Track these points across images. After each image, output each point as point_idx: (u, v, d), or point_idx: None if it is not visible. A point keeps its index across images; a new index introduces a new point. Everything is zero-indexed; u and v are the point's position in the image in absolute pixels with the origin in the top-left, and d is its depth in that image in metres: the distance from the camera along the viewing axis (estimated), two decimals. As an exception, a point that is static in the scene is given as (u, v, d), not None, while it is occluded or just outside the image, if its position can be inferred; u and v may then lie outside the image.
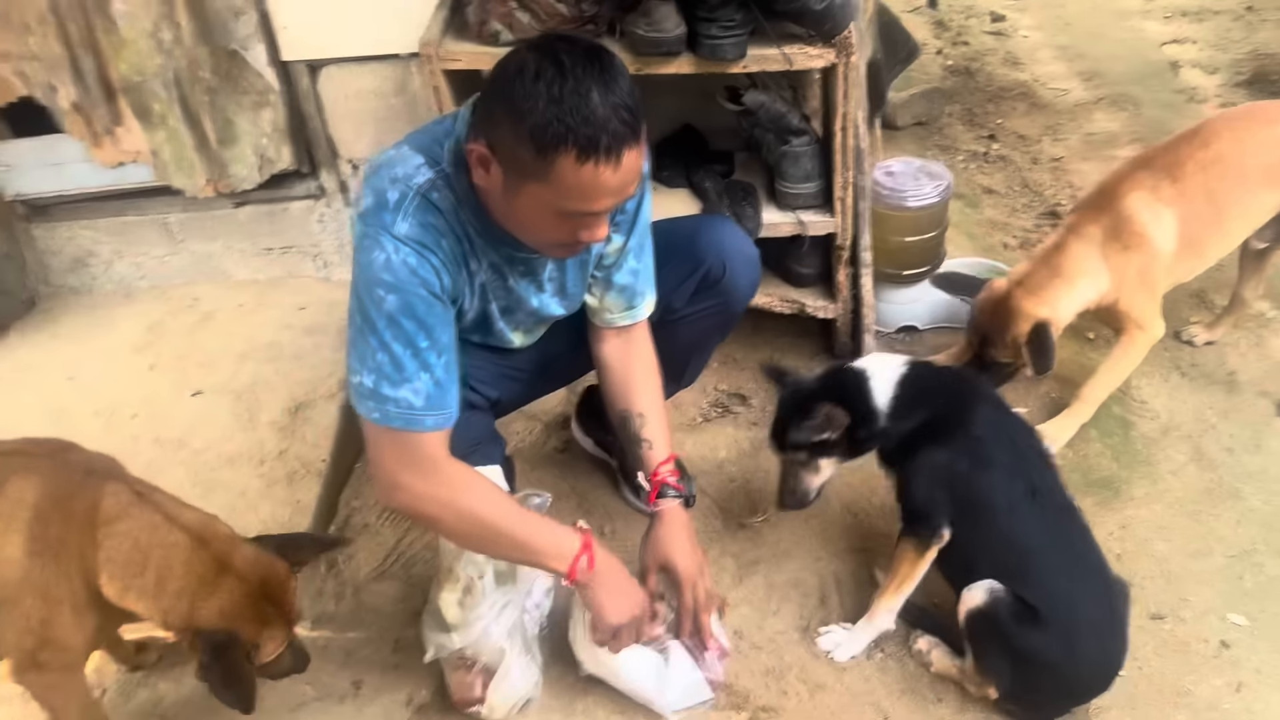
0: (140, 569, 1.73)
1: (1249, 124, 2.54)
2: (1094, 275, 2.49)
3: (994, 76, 4.74)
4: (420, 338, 1.72)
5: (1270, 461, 2.60)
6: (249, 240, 3.21)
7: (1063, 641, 1.91)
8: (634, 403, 2.10)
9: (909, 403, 2.04)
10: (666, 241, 2.09)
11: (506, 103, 1.58)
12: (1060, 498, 2.04)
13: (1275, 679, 2.10)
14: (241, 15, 2.79)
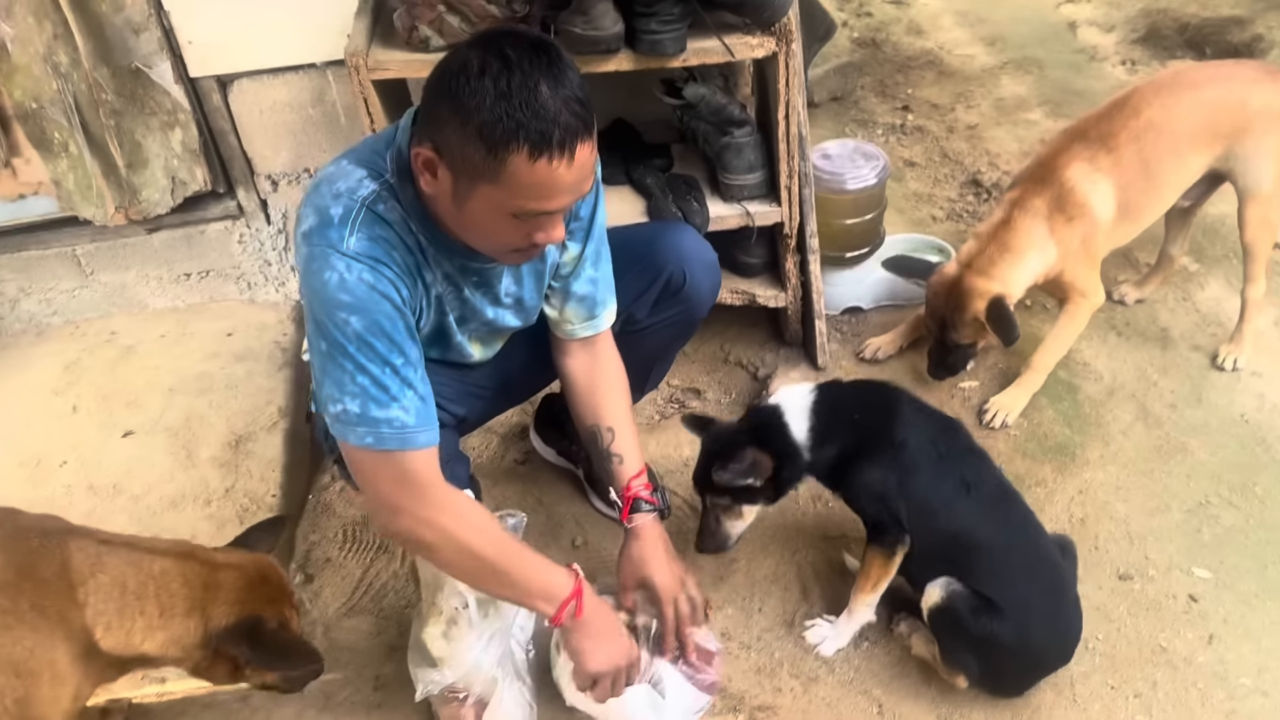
0: (138, 609, 1.68)
1: (1175, 91, 2.60)
2: (1041, 248, 2.52)
3: (900, 46, 4.78)
4: (394, 355, 1.65)
5: (1211, 414, 2.68)
6: (165, 267, 3.04)
7: (1018, 627, 1.94)
8: (602, 417, 2.05)
9: (827, 428, 2.03)
10: (624, 251, 2.03)
11: (452, 102, 1.50)
12: (995, 486, 2.06)
13: (1243, 628, 2.17)
14: (142, 32, 2.63)
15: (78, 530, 1.75)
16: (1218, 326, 2.95)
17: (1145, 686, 2.08)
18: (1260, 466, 2.52)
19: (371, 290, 1.62)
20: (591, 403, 2.06)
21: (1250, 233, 2.67)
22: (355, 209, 1.64)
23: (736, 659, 2.18)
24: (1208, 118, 2.57)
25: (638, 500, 2.01)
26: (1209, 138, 2.58)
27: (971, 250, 2.57)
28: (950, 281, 2.56)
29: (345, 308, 1.61)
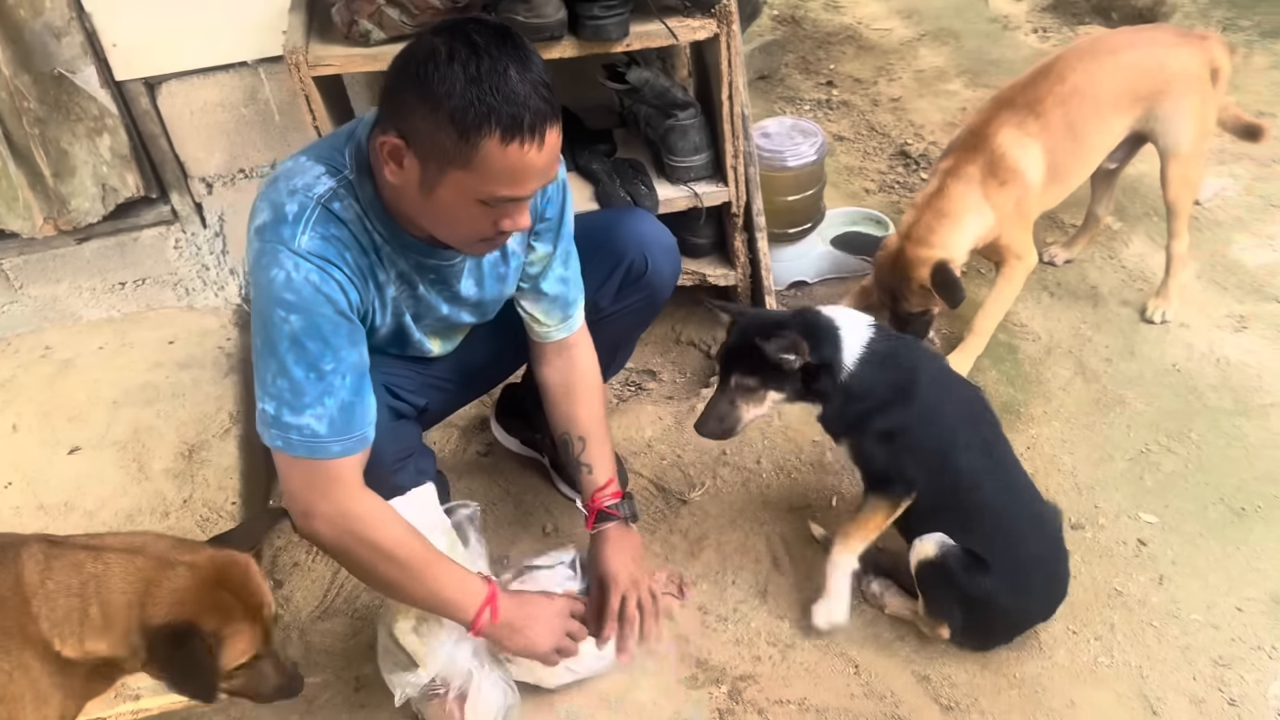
0: (83, 611, 1.57)
1: (1096, 56, 2.69)
2: (978, 212, 2.60)
3: (819, 23, 4.85)
4: (326, 359, 1.64)
5: (1144, 366, 2.80)
6: (98, 277, 2.96)
7: (1011, 587, 2.02)
8: (574, 425, 2.08)
9: (871, 366, 2.01)
10: (584, 241, 2.04)
11: (420, 89, 1.50)
12: (1006, 454, 2.11)
13: (1192, 567, 2.28)
14: (64, 36, 2.54)
15: (31, 539, 1.65)
16: (1144, 282, 3.08)
17: (1104, 629, 2.18)
18: (1194, 413, 2.64)
19: (316, 292, 1.62)
20: (566, 411, 2.09)
21: (1173, 191, 2.78)
22: (310, 206, 1.63)
23: (715, 632, 2.22)
24: (1128, 81, 2.67)
25: (602, 512, 2.07)
26: (1130, 100, 2.69)
27: (910, 220, 2.63)
28: (894, 254, 2.62)
29: (286, 305, 1.61)
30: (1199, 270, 3.08)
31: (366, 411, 1.72)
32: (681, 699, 2.10)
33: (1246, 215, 3.29)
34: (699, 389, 2.82)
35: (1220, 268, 3.10)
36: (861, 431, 2.05)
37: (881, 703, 2.08)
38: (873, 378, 2.00)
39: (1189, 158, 2.74)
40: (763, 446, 2.63)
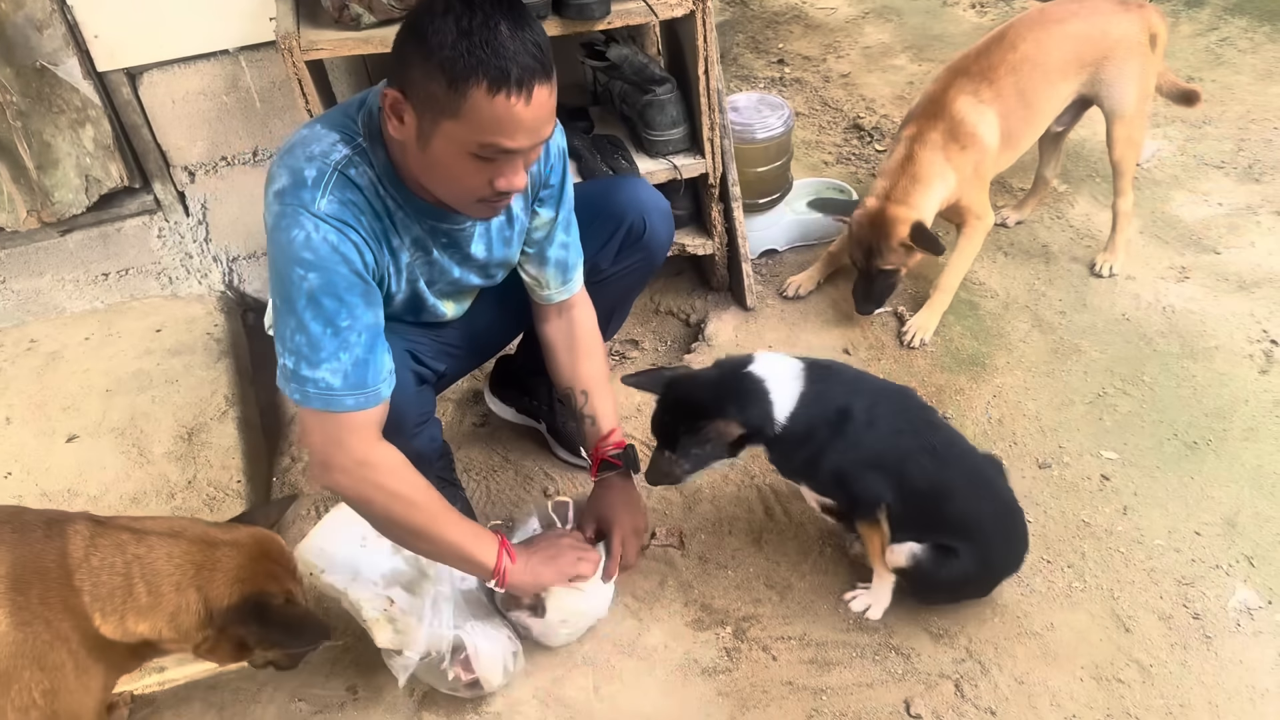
0: (127, 590, 1.65)
1: (1044, 25, 2.86)
2: (944, 176, 2.75)
3: (766, 3, 4.99)
4: (341, 316, 1.71)
5: (1096, 316, 2.98)
6: (81, 269, 2.98)
7: (981, 561, 2.15)
8: (578, 380, 2.18)
9: (806, 412, 2.01)
10: (584, 206, 2.15)
11: (416, 40, 1.59)
12: (948, 439, 2.15)
13: (1151, 497, 2.46)
14: (45, 29, 2.57)
15: (79, 515, 1.73)
16: (1090, 239, 3.26)
17: (1075, 557, 2.34)
18: (1145, 358, 2.82)
19: (334, 251, 1.69)
20: (569, 366, 2.19)
21: (1118, 150, 2.96)
22: (328, 172, 1.71)
23: (715, 578, 2.34)
24: (1075, 48, 2.84)
25: (604, 461, 2.18)
26: (1077, 66, 2.86)
27: (886, 185, 2.78)
28: (874, 213, 2.77)
29: (305, 264, 1.68)
30: (1141, 226, 3.27)
31: (381, 369, 1.78)
32: (690, 640, 2.22)
33: (1182, 174, 3.50)
34: (681, 355, 2.94)
35: (1161, 223, 3.30)
36: (814, 473, 2.10)
37: (875, 635, 2.22)
38: (810, 422, 2.01)
39: (1132, 119, 2.92)
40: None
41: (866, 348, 2.91)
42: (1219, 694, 2.06)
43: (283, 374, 1.74)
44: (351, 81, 2.83)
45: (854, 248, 2.85)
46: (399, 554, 2.09)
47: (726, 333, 2.97)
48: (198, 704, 2.15)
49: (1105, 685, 2.09)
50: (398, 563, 2.09)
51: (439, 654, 2.03)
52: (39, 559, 1.64)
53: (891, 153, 2.86)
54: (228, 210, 2.98)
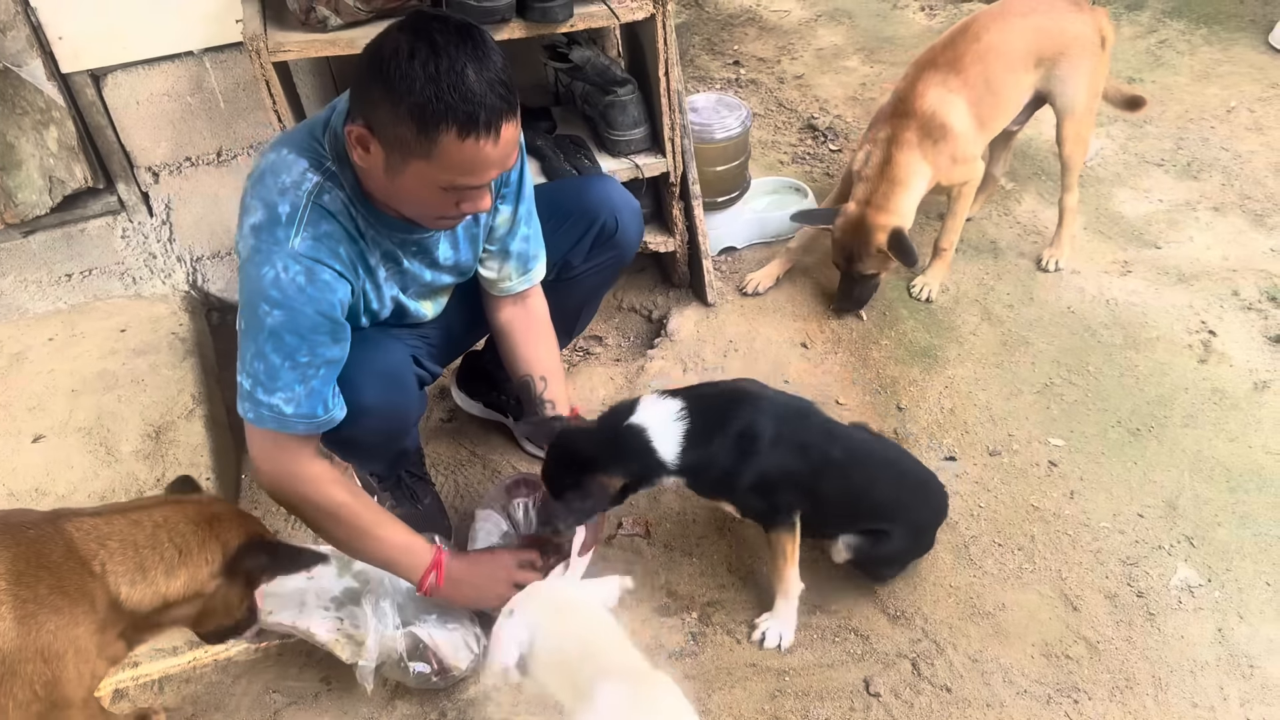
0: (157, 557, 1.75)
1: (1006, 18, 2.97)
2: (921, 173, 2.85)
3: (721, 6, 5.06)
4: (301, 353, 1.79)
5: (1043, 310, 3.09)
6: (44, 269, 2.98)
7: (912, 532, 2.27)
8: (535, 367, 2.23)
9: (699, 443, 2.04)
10: (556, 205, 2.21)
11: (384, 85, 1.63)
12: (848, 436, 2.21)
13: (1097, 483, 2.56)
14: (9, 30, 2.57)
15: (61, 512, 1.78)
16: (1036, 235, 3.37)
17: (1025, 540, 2.44)
18: (1089, 349, 2.93)
19: (301, 292, 1.76)
20: (526, 353, 2.24)
21: (1068, 148, 3.07)
22: (302, 204, 1.77)
23: (680, 565, 2.41)
24: (1035, 41, 2.95)
25: None
26: (1036, 59, 2.97)
27: (867, 190, 2.85)
28: (855, 220, 2.86)
29: (271, 301, 1.75)
30: (1085, 223, 3.39)
31: (334, 398, 1.88)
32: (657, 626, 2.29)
33: (1124, 172, 3.63)
34: (644, 350, 3.00)
35: (1104, 219, 3.42)
36: (730, 491, 2.13)
37: (835, 617, 2.30)
38: (708, 451, 2.04)
39: (1082, 117, 3.04)
40: (709, 399, 2.83)
41: (823, 341, 2.99)
42: (1162, 668, 2.17)
43: (240, 392, 1.84)
44: (316, 82, 2.86)
45: (836, 252, 2.93)
46: (345, 574, 2.18)
47: (688, 328, 3.03)
48: (172, 696, 2.18)
49: (1055, 661, 2.19)
50: (346, 581, 2.17)
51: (396, 654, 2.08)
52: (42, 555, 1.67)
53: (869, 156, 2.91)
54: (191, 210, 2.99)
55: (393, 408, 2.02)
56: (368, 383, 1.93)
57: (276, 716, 2.14)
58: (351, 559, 2.16)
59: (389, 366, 1.99)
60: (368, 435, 2.00)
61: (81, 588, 1.67)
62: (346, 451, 2.10)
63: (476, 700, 2.15)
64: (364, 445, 2.03)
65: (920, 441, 2.68)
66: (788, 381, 2.87)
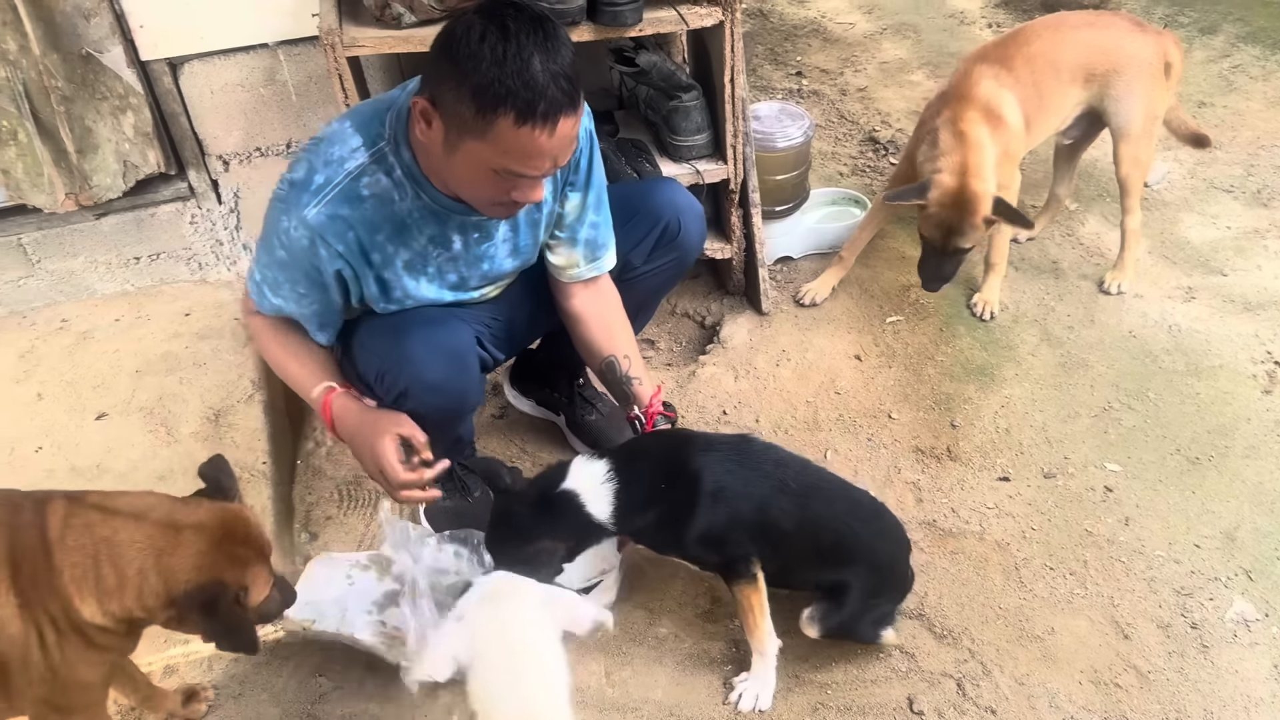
0: (96, 572, 1.63)
1: (1059, 29, 2.96)
2: (991, 144, 2.78)
3: (785, 16, 5.06)
4: (300, 285, 1.95)
5: (1104, 333, 3.05)
6: (114, 251, 3.05)
7: (875, 574, 2.15)
8: (616, 347, 2.26)
9: (634, 498, 2.02)
10: (622, 204, 2.24)
11: (451, 61, 1.67)
12: (800, 471, 2.13)
13: (1154, 510, 2.52)
14: (93, 17, 2.64)
15: (55, 494, 1.70)
16: (1099, 257, 3.33)
17: (1078, 565, 2.41)
18: (1150, 375, 2.89)
19: (302, 250, 1.89)
20: (604, 335, 2.27)
21: (1124, 169, 3.03)
22: (336, 181, 1.85)
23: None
24: (1086, 55, 2.93)
25: (660, 415, 2.27)
26: (1086, 74, 2.94)
27: (956, 162, 2.73)
28: (956, 191, 2.70)
29: (281, 243, 1.90)
30: (1150, 247, 3.34)
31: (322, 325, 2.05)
32: (700, 633, 2.29)
33: (1191, 196, 3.56)
34: (696, 356, 3.01)
35: (1169, 244, 3.36)
36: (680, 545, 2.08)
37: (882, 633, 2.28)
38: (645, 505, 2.03)
39: (1138, 139, 2.99)
40: (760, 407, 2.82)
41: (877, 354, 2.98)
42: (1214, 702, 2.12)
43: (250, 275, 2.01)
44: (385, 79, 2.90)
45: (931, 228, 2.79)
46: (385, 577, 2.22)
47: (741, 336, 3.03)
48: (220, 674, 2.21)
49: (1104, 689, 2.16)
50: (387, 584, 2.21)
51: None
52: (27, 539, 1.62)
53: (937, 137, 2.81)
54: (259, 199, 3.04)
55: (455, 386, 2.05)
56: (432, 359, 1.97)
57: (322, 699, 2.17)
58: (389, 565, 2.22)
59: (454, 345, 2.03)
60: (428, 412, 2.03)
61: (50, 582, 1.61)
62: None
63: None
64: (421, 424, 2.05)
65: (973, 461, 2.65)
66: (839, 393, 2.86)
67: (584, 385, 2.68)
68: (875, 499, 2.26)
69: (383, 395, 2.02)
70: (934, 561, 2.42)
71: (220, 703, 2.16)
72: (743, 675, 2.18)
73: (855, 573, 2.12)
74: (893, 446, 2.71)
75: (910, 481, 2.62)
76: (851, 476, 2.60)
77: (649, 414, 2.25)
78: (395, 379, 1.97)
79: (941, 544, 2.46)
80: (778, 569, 2.11)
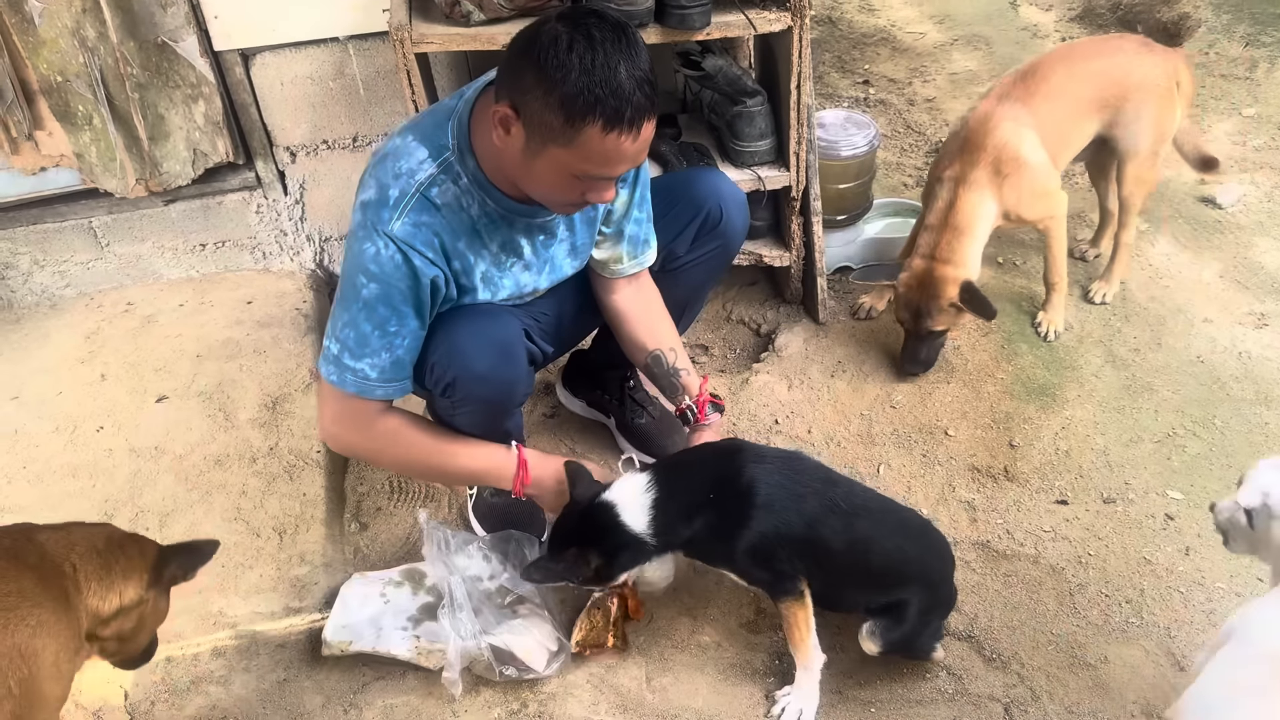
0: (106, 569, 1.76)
1: (1072, 61, 2.94)
2: (985, 215, 2.76)
3: (854, 24, 5.01)
4: (391, 323, 1.88)
5: (1170, 357, 2.97)
6: (180, 238, 3.11)
7: (930, 590, 2.13)
8: (661, 340, 2.27)
9: (675, 512, 1.99)
10: (664, 194, 2.25)
11: (538, 70, 1.67)
12: (849, 490, 2.10)
13: (1215, 541, 2.39)
14: (170, 7, 2.69)
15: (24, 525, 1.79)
16: (1169, 279, 3.25)
17: (1134, 593, 2.34)
18: (1217, 401, 2.80)
19: (397, 269, 1.85)
20: (649, 329, 2.27)
21: (1126, 188, 3.01)
22: (410, 192, 1.85)
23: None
24: (1099, 87, 2.90)
25: (710, 404, 2.28)
26: (1099, 105, 2.91)
27: (931, 241, 2.76)
28: (921, 274, 2.75)
29: (369, 275, 1.85)
30: (1221, 270, 3.25)
31: (410, 368, 1.97)
32: (743, 643, 2.27)
33: (1267, 220, 3.46)
34: (750, 363, 2.99)
35: (1242, 269, 3.27)
36: (730, 559, 2.04)
37: (929, 654, 2.24)
38: (690, 520, 2.00)
39: (1145, 159, 2.97)
40: (813, 417, 2.79)
41: (935, 369, 2.92)
42: (1273, 742, 2.05)
43: (325, 356, 1.94)
44: (452, 75, 2.92)
45: (901, 310, 2.82)
46: (420, 591, 2.26)
47: (796, 344, 3.00)
48: (265, 659, 2.24)
49: (1156, 722, 2.10)
50: (422, 598, 2.25)
51: (482, 662, 2.13)
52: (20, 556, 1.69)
53: (933, 199, 2.82)
54: (324, 191, 3.09)
55: (502, 376, 2.04)
56: (481, 350, 1.98)
57: (365, 689, 2.18)
58: (422, 578, 2.28)
59: (502, 337, 2.03)
60: (475, 404, 2.04)
61: (62, 588, 1.69)
62: (451, 423, 2.13)
63: (557, 695, 2.16)
64: (469, 415, 2.06)
65: (1031, 482, 2.60)
66: (894, 407, 2.82)
67: (635, 388, 2.67)
68: (920, 515, 2.22)
69: (431, 386, 2.03)
70: (986, 583, 2.38)
71: (265, 687, 2.18)
72: (786, 689, 2.15)
73: (911, 591, 2.09)
74: (948, 464, 2.66)
75: (965, 501, 2.57)
76: (905, 493, 2.57)
77: (699, 403, 2.24)
78: (444, 369, 1.98)
79: (994, 566, 2.42)
80: (826, 589, 2.08)
